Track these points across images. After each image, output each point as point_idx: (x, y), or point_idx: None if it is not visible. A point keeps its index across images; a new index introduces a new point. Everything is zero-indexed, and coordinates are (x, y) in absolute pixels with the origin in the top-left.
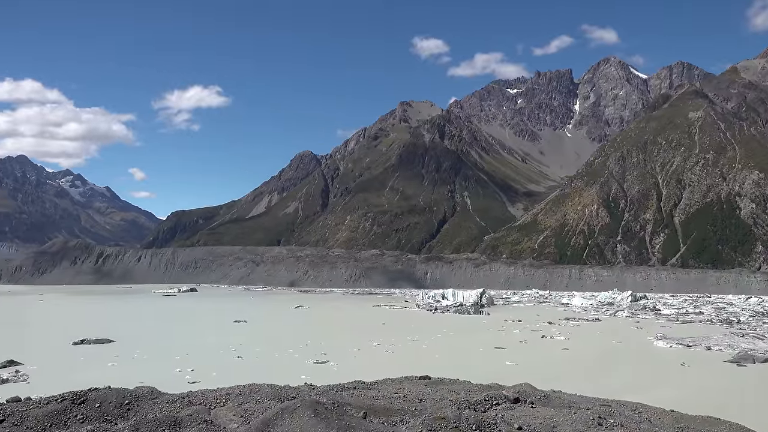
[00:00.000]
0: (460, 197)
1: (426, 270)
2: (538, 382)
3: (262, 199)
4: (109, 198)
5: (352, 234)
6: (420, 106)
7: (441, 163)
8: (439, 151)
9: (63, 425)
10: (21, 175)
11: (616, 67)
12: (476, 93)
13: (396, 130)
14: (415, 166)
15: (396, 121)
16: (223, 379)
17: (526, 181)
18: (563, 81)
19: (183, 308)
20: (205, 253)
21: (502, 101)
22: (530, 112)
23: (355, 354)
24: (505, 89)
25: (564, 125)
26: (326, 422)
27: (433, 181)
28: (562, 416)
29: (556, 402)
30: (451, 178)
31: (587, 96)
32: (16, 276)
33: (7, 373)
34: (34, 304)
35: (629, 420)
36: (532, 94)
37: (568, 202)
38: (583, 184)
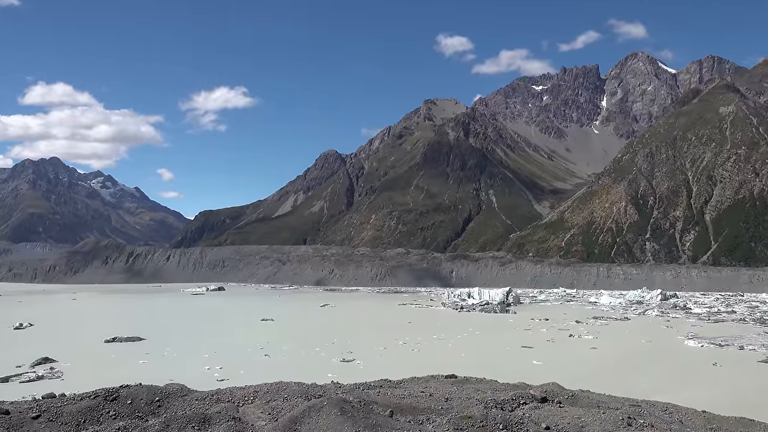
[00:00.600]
0: (486, 195)
1: (451, 268)
2: (566, 382)
3: (288, 199)
4: (139, 198)
5: (377, 233)
6: (444, 104)
7: (466, 161)
8: (464, 149)
9: (96, 421)
10: (54, 176)
11: (644, 61)
12: (501, 90)
13: (421, 129)
14: (440, 165)
15: (420, 119)
16: (251, 376)
17: (553, 178)
18: (590, 77)
19: (211, 307)
20: (233, 252)
21: (528, 98)
22: (556, 108)
23: (381, 352)
24: (531, 86)
25: (591, 122)
26: (353, 420)
27: (458, 179)
28: (591, 416)
29: (585, 402)
30: (477, 176)
31: (614, 92)
32: (50, 275)
33: (42, 369)
34: (68, 303)
35: (660, 420)
36: (558, 90)
37: (595, 200)
38: (610, 181)
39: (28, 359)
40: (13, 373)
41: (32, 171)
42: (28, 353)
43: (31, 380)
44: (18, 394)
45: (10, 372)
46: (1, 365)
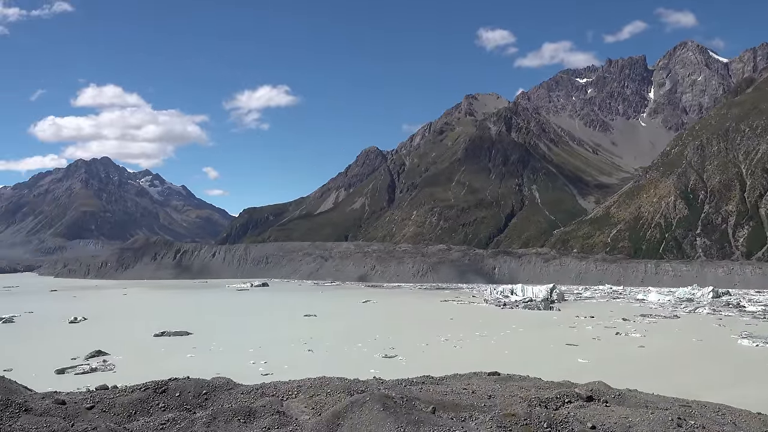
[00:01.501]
0: (529, 190)
1: (494, 265)
2: (613, 380)
3: (330, 195)
4: (185, 196)
5: (418, 229)
6: (486, 98)
7: (508, 156)
8: (506, 143)
9: (146, 413)
10: (105, 176)
11: (694, 51)
12: (544, 84)
13: (462, 124)
14: (482, 160)
15: (461, 114)
16: (295, 371)
17: (598, 173)
18: (636, 68)
19: (256, 302)
20: (276, 248)
21: (572, 91)
22: (601, 101)
23: (423, 349)
24: (575, 79)
25: (638, 114)
26: (395, 416)
27: (501, 174)
28: (639, 416)
29: (632, 401)
30: (519, 171)
31: (663, 83)
32: (102, 271)
33: (96, 362)
34: (119, 298)
35: (711, 422)
36: (603, 82)
37: (642, 194)
38: (658, 174)
39: (83, 352)
40: (69, 365)
41: (85, 171)
42: (83, 346)
43: (86, 372)
44: (73, 385)
45: (65, 364)
46: (58, 357)
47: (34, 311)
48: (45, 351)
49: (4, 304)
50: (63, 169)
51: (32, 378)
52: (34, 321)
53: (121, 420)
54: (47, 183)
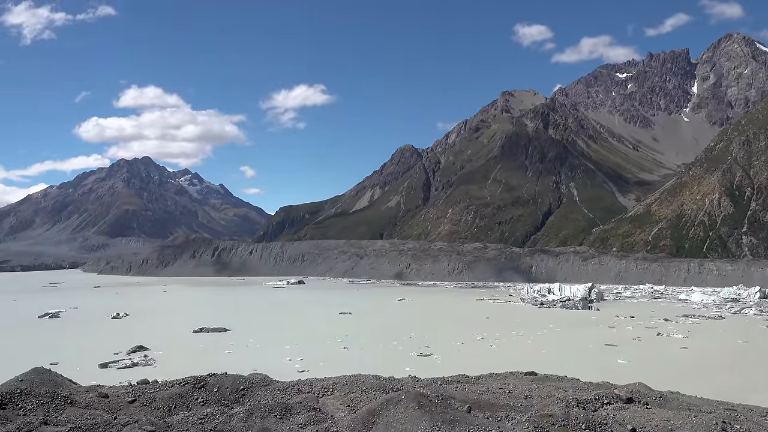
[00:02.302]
0: (567, 188)
1: (530, 263)
2: (654, 382)
3: (365, 194)
4: (223, 195)
5: (454, 227)
6: (522, 95)
7: (545, 153)
8: (543, 140)
9: (185, 407)
10: (146, 175)
11: (739, 43)
12: (582, 79)
13: (498, 121)
14: (518, 157)
15: (498, 111)
16: (330, 368)
17: (638, 169)
18: (679, 62)
19: (292, 300)
20: (312, 246)
21: (611, 86)
22: (642, 96)
23: (459, 347)
24: (614, 74)
25: (680, 109)
26: (430, 415)
27: (538, 171)
28: (681, 419)
29: (674, 404)
30: (557, 169)
31: (706, 77)
32: (143, 268)
33: (137, 357)
34: (159, 295)
35: (758, 426)
36: (644, 77)
37: (685, 191)
38: (702, 171)
39: (125, 347)
40: (112, 359)
41: (126, 170)
42: (125, 341)
43: (127, 366)
44: (116, 379)
45: (108, 358)
46: (101, 352)
47: (79, 307)
48: (89, 345)
49: (51, 299)
50: (106, 169)
51: (77, 371)
52: (78, 316)
53: (161, 414)
54: (91, 182)
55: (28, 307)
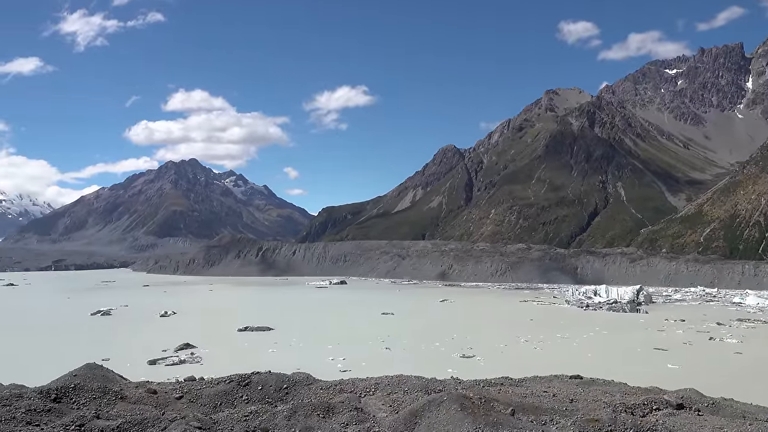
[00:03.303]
0: (613, 188)
1: (576, 265)
2: (706, 388)
3: (407, 194)
4: (267, 196)
5: (497, 228)
6: (567, 93)
7: (591, 152)
8: (588, 139)
9: (231, 404)
10: (192, 176)
11: None
12: (630, 76)
13: (542, 120)
14: (563, 156)
15: (542, 110)
16: (372, 368)
17: (689, 168)
18: (732, 57)
19: (334, 300)
20: (354, 247)
21: (660, 83)
22: (693, 93)
23: (502, 349)
24: (663, 70)
25: (734, 106)
26: (473, 417)
27: (583, 171)
28: (735, 427)
29: (728, 411)
30: (603, 168)
31: (762, 71)
32: (190, 267)
33: (184, 354)
34: (205, 294)
35: None
36: (694, 73)
37: (739, 191)
38: (758, 170)
39: (172, 344)
40: (160, 356)
41: (174, 172)
42: (172, 339)
43: (175, 363)
44: (163, 375)
45: (157, 355)
46: (150, 349)
47: (129, 305)
48: (138, 342)
49: (103, 298)
50: (154, 171)
51: (127, 368)
52: (128, 314)
53: (207, 411)
54: (140, 184)
55: (82, 304)
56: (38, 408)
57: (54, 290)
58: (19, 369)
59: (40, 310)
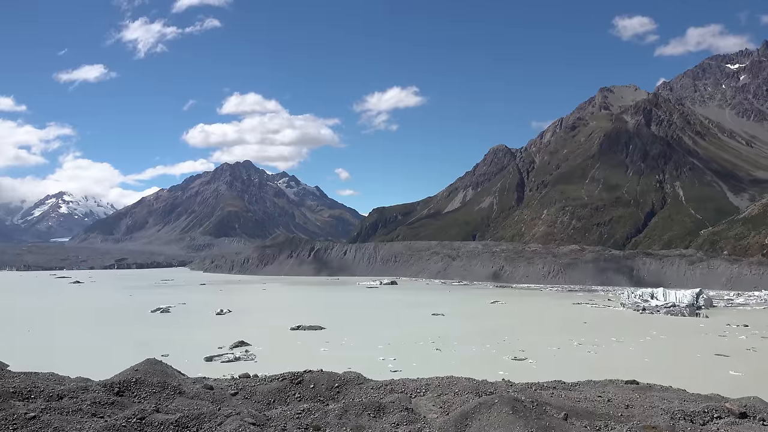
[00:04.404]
0: (671, 187)
1: (632, 267)
2: None
3: (457, 195)
4: (319, 197)
5: (549, 228)
6: (622, 90)
7: (648, 151)
8: (645, 138)
9: (283, 402)
10: (247, 178)
11: None
12: (688, 72)
13: (596, 118)
14: (618, 155)
15: (596, 108)
16: (423, 369)
17: (753, 167)
18: None
19: (384, 300)
20: (404, 247)
21: (721, 79)
22: (756, 88)
23: (555, 353)
24: (724, 65)
25: None
26: (525, 420)
27: (639, 170)
28: None
29: None
30: (660, 167)
31: None
32: (244, 267)
33: (239, 352)
34: (259, 293)
35: None
36: (758, 67)
37: None
38: None
39: (228, 342)
40: (216, 353)
41: (229, 173)
42: (228, 336)
43: (230, 360)
44: (219, 372)
45: (213, 352)
46: (206, 346)
47: (187, 303)
48: (195, 339)
49: (162, 296)
50: (210, 173)
51: (185, 363)
52: (186, 312)
53: (261, 407)
54: (197, 185)
55: (142, 302)
56: (102, 401)
57: (117, 288)
58: (84, 362)
59: (104, 307)
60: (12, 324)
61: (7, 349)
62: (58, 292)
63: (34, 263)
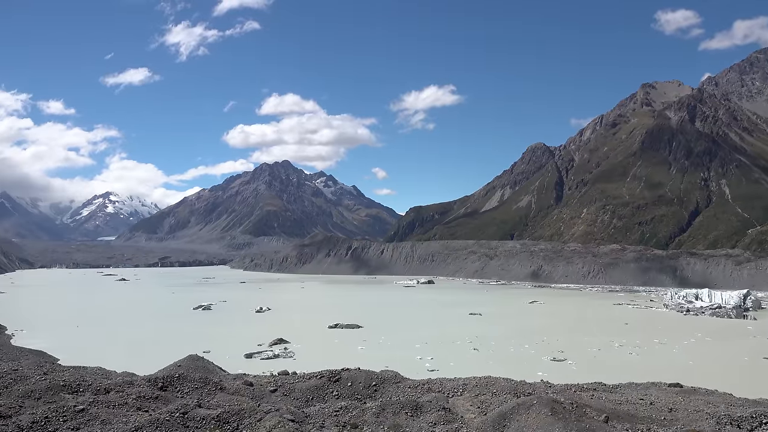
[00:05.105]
0: (717, 185)
1: (675, 267)
2: None
3: (495, 194)
4: (356, 196)
5: (589, 228)
6: (665, 86)
7: (692, 148)
8: (689, 134)
9: (322, 399)
10: (285, 177)
11: None
12: (735, 66)
13: (637, 115)
14: (661, 153)
15: (637, 105)
16: (460, 369)
17: None
18: None
19: (422, 299)
20: (441, 247)
21: None
22: None
23: (595, 354)
24: None
25: None
26: (564, 422)
27: (683, 168)
28: None
29: None
30: (705, 164)
31: None
32: (283, 265)
33: (278, 349)
34: (297, 291)
35: None
36: None
37: None
38: None
39: (267, 339)
40: (255, 350)
41: (268, 173)
42: (267, 334)
43: (269, 358)
44: (259, 369)
45: (252, 349)
46: (246, 343)
47: (227, 300)
48: (236, 336)
49: (204, 293)
50: (250, 173)
51: (225, 360)
52: (227, 309)
53: (299, 404)
54: (237, 185)
55: (185, 299)
56: (147, 395)
57: (160, 285)
58: (130, 357)
59: (148, 304)
60: (62, 320)
61: (58, 344)
62: (105, 289)
63: (83, 261)
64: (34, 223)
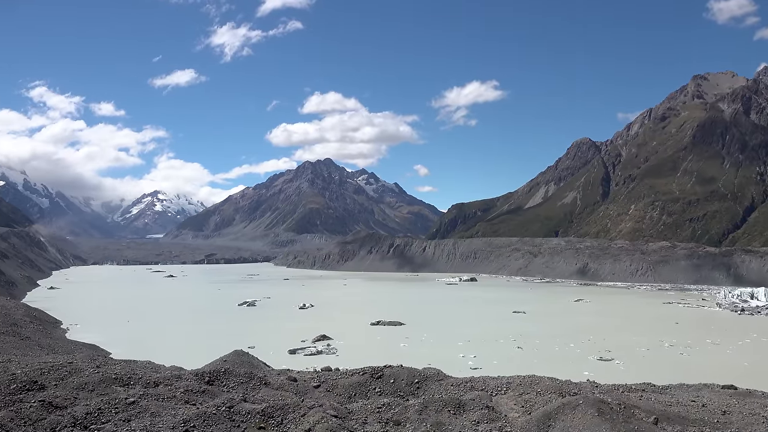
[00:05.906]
0: None
1: (729, 265)
2: None
3: (539, 190)
4: (398, 193)
5: (636, 224)
6: (717, 78)
7: (747, 142)
8: (743, 127)
9: (364, 395)
10: (327, 175)
11: None
12: None
13: (688, 108)
14: (713, 146)
15: (688, 97)
16: (504, 367)
17: None
18: None
19: (464, 296)
20: (484, 244)
21: None
22: None
23: (644, 354)
24: None
25: None
26: (611, 423)
27: (737, 162)
28: None
29: None
30: (761, 158)
31: None
32: (326, 263)
33: (321, 345)
34: (340, 288)
35: None
36: None
37: None
38: None
39: (310, 335)
40: (299, 346)
41: (311, 171)
42: (310, 330)
43: (313, 354)
44: (302, 364)
45: (296, 345)
46: (290, 339)
47: (271, 297)
48: (279, 332)
49: (249, 290)
50: (293, 171)
51: (270, 355)
52: (271, 305)
53: (342, 400)
54: (280, 183)
55: (230, 295)
56: (194, 389)
57: (207, 282)
58: (178, 351)
59: (195, 300)
60: (114, 315)
61: (110, 339)
62: (153, 285)
63: (133, 258)
64: (87, 222)
